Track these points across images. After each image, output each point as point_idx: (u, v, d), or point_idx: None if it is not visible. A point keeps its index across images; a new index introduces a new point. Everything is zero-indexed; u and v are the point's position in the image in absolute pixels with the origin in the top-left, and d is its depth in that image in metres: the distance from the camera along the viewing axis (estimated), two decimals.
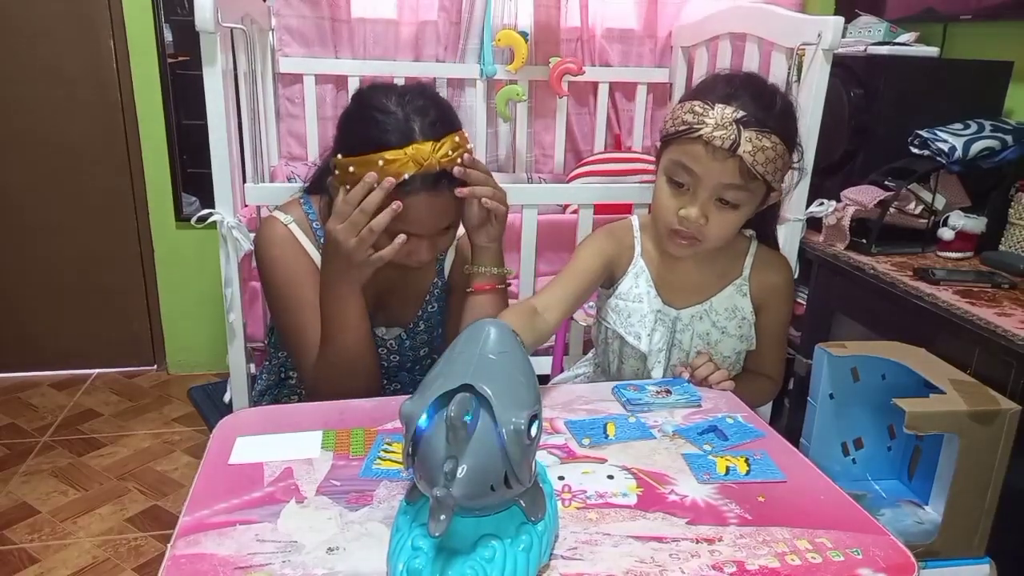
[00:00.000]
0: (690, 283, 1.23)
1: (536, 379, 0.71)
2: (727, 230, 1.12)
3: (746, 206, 1.11)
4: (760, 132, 1.04)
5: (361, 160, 1.05)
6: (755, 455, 0.93)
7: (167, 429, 2.46)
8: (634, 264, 1.25)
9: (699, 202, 1.09)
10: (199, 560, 0.71)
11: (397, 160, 1.03)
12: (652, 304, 1.23)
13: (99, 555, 1.86)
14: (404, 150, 1.04)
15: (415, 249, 1.12)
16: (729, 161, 1.05)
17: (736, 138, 1.03)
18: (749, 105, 1.05)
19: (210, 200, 1.56)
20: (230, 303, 1.61)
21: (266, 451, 0.90)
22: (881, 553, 0.75)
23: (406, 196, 1.05)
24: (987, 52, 1.99)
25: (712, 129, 1.04)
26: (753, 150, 1.03)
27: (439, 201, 1.09)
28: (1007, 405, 1.14)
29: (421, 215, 1.08)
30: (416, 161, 1.04)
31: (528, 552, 0.68)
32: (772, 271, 1.24)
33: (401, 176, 1.04)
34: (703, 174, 1.07)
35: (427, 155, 1.04)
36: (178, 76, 2.53)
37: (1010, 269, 1.62)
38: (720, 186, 1.07)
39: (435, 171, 1.06)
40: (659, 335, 1.23)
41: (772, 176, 1.07)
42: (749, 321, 1.23)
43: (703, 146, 1.05)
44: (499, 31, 2.34)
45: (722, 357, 1.24)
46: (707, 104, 1.06)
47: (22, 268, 2.69)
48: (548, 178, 2.61)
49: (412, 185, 1.05)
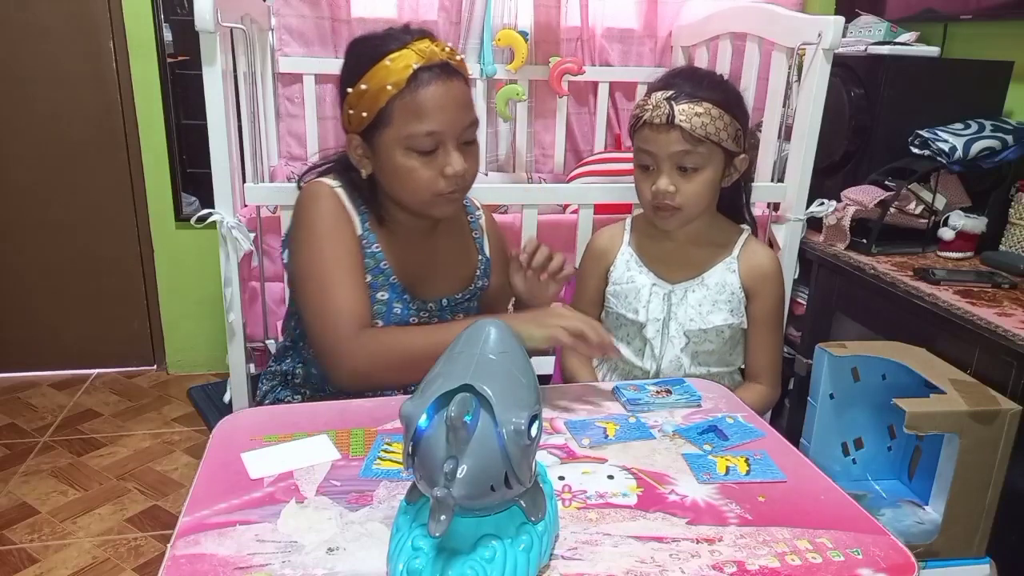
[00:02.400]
0: (683, 260, 1.34)
1: (536, 379, 0.71)
2: (698, 192, 1.25)
3: (708, 167, 1.23)
4: (691, 102, 1.20)
5: (368, 75, 1.08)
6: (755, 455, 0.93)
7: (167, 429, 2.46)
8: (622, 252, 1.38)
9: (663, 174, 1.24)
10: (199, 560, 0.71)
11: (400, 56, 1.07)
12: (647, 279, 1.34)
13: (99, 555, 1.86)
14: (405, 48, 1.08)
15: (447, 161, 1.11)
16: (672, 132, 1.20)
17: (670, 111, 1.20)
18: (680, 85, 1.22)
19: (210, 200, 1.56)
20: (230, 303, 1.61)
21: (283, 461, 0.89)
22: (881, 553, 0.75)
23: (419, 89, 1.07)
24: (987, 52, 1.99)
25: (651, 112, 1.22)
26: (687, 117, 1.19)
27: (452, 89, 1.10)
28: (1007, 405, 1.14)
29: (440, 104, 1.09)
30: (420, 53, 1.08)
31: (528, 552, 0.68)
32: (761, 257, 1.34)
33: (410, 69, 1.07)
34: (656, 150, 1.23)
35: (428, 46, 1.09)
36: (178, 76, 2.53)
37: (1010, 269, 1.62)
38: (673, 155, 1.22)
39: (440, 60, 1.09)
40: (655, 305, 1.32)
41: (716, 136, 1.20)
42: (738, 297, 1.32)
43: (649, 128, 1.23)
44: (499, 31, 2.34)
45: (715, 328, 1.31)
46: (647, 96, 1.25)
47: (22, 268, 2.69)
48: (548, 178, 2.61)
49: (421, 77, 1.07)
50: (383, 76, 1.07)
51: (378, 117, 1.09)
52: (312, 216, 1.15)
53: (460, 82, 1.12)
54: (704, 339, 1.32)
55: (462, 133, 1.12)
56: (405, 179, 1.12)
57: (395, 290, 1.21)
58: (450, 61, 1.11)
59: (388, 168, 1.13)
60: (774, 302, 1.34)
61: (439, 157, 1.11)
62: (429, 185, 1.11)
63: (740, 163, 1.27)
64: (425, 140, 1.09)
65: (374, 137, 1.12)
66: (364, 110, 1.10)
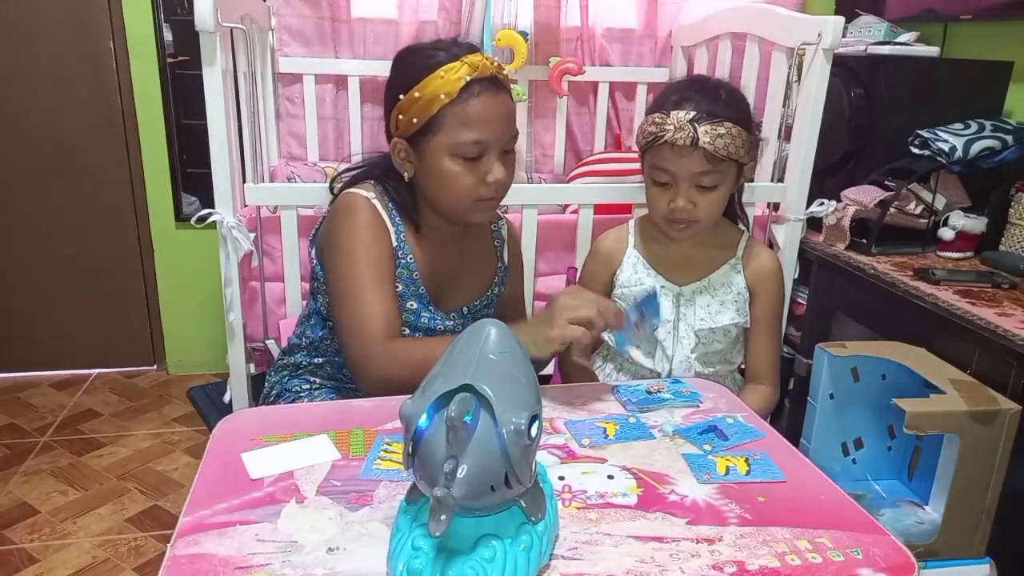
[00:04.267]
0: (689, 263, 1.35)
1: (536, 379, 0.71)
2: (715, 207, 1.27)
3: (724, 183, 1.26)
4: (713, 123, 1.20)
5: (422, 84, 1.13)
6: (755, 455, 0.93)
7: (167, 429, 2.46)
8: (628, 256, 1.38)
9: (682, 193, 1.25)
10: (199, 560, 0.71)
11: (453, 68, 1.12)
12: (655, 282, 1.34)
13: (99, 555, 1.86)
14: (457, 61, 1.13)
15: (489, 169, 1.16)
16: (695, 154, 1.21)
17: (694, 135, 1.19)
18: (699, 104, 1.22)
19: (210, 200, 1.56)
20: (230, 303, 1.61)
21: (284, 461, 0.89)
22: (881, 553, 0.75)
23: (470, 100, 1.12)
24: (987, 52, 1.99)
25: (673, 133, 1.20)
26: (711, 140, 1.19)
27: (500, 102, 1.16)
28: (1007, 405, 1.14)
29: (488, 115, 1.14)
30: (471, 66, 1.12)
31: (528, 552, 0.68)
32: (764, 257, 1.36)
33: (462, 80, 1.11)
34: (677, 170, 1.23)
35: (480, 60, 1.14)
36: (178, 76, 2.52)
37: (1010, 269, 1.62)
38: (694, 175, 1.23)
39: (490, 73, 1.14)
40: (665, 307, 1.32)
41: (736, 153, 1.22)
42: (744, 296, 1.34)
43: (670, 148, 1.22)
44: (499, 31, 2.33)
45: (723, 328, 1.33)
46: (664, 113, 1.23)
47: (22, 268, 2.69)
48: (548, 178, 2.61)
49: (472, 89, 1.12)
50: (437, 86, 1.12)
51: (428, 124, 1.14)
52: (352, 228, 1.19)
53: (507, 96, 1.18)
54: (713, 339, 1.33)
55: (505, 143, 1.18)
56: (449, 184, 1.16)
57: (422, 300, 1.25)
58: (498, 75, 1.16)
59: (433, 173, 1.17)
60: (776, 302, 1.36)
61: (482, 165, 1.16)
62: (471, 191, 1.17)
63: (749, 170, 1.30)
64: (472, 148, 1.14)
65: (421, 143, 1.16)
66: (415, 116, 1.14)
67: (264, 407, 1.24)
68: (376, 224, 1.20)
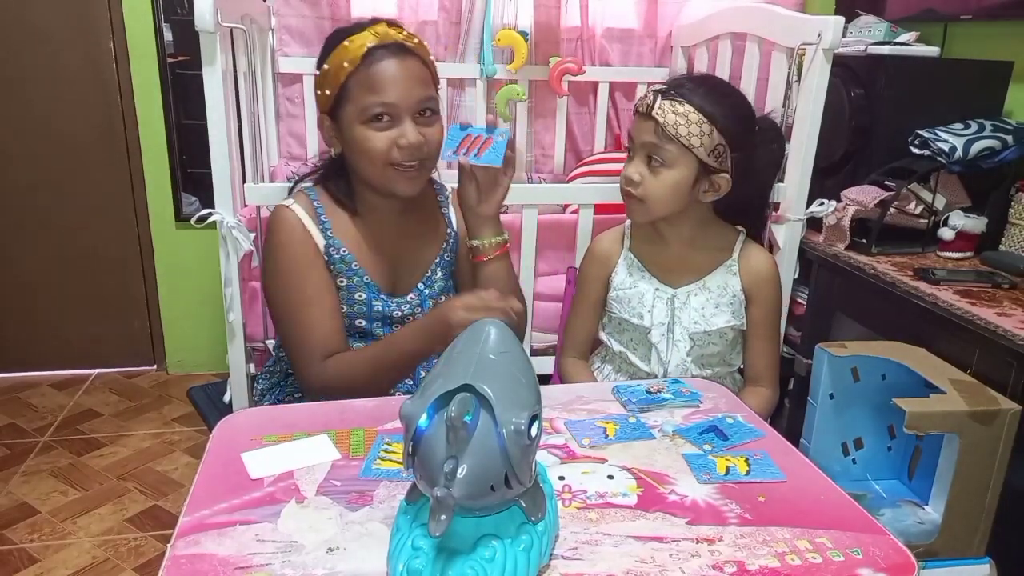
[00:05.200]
0: (684, 265, 1.35)
1: (536, 379, 0.71)
2: (662, 191, 1.25)
3: (675, 169, 1.23)
4: (674, 100, 1.21)
5: (331, 56, 1.17)
6: (755, 455, 0.93)
7: (167, 429, 2.46)
8: (623, 258, 1.38)
9: (633, 162, 1.27)
10: (199, 560, 0.71)
11: (358, 37, 1.15)
12: (649, 284, 1.35)
13: (99, 555, 1.86)
14: (364, 31, 1.17)
15: (401, 132, 1.17)
16: (648, 122, 1.23)
17: (651, 102, 1.22)
18: (682, 85, 1.23)
19: (210, 200, 1.56)
20: (230, 303, 1.61)
21: (283, 461, 0.89)
22: (881, 553, 0.75)
23: (372, 65, 1.15)
24: (987, 52, 1.98)
25: (640, 100, 1.25)
26: (665, 112, 1.20)
27: (405, 66, 1.17)
28: (1007, 405, 1.14)
29: (391, 77, 1.15)
30: (375, 34, 1.16)
31: (528, 552, 0.68)
32: (760, 260, 1.35)
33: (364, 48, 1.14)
34: (635, 135, 1.27)
35: (384, 29, 1.17)
36: (178, 76, 2.53)
37: (1010, 269, 1.62)
38: (644, 144, 1.24)
39: (394, 40, 1.17)
40: (659, 310, 1.33)
41: (688, 140, 1.20)
42: (739, 299, 1.33)
43: (635, 115, 1.27)
44: (499, 31, 2.33)
45: (719, 331, 1.32)
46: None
47: (22, 268, 2.69)
48: (548, 178, 2.61)
49: (375, 54, 1.15)
50: (342, 55, 1.16)
51: (339, 94, 1.17)
52: (274, 250, 1.23)
53: (415, 60, 1.19)
54: (708, 341, 1.32)
55: (416, 106, 1.18)
56: (364, 151, 1.18)
57: (371, 289, 1.26)
58: (406, 43, 1.18)
59: (351, 144, 1.20)
60: (774, 304, 1.35)
61: (395, 129, 1.17)
62: (384, 155, 1.17)
63: (721, 181, 1.25)
64: (379, 111, 1.15)
65: (339, 115, 1.19)
66: (327, 88, 1.18)
67: (264, 407, 1.24)
68: (295, 236, 1.22)
